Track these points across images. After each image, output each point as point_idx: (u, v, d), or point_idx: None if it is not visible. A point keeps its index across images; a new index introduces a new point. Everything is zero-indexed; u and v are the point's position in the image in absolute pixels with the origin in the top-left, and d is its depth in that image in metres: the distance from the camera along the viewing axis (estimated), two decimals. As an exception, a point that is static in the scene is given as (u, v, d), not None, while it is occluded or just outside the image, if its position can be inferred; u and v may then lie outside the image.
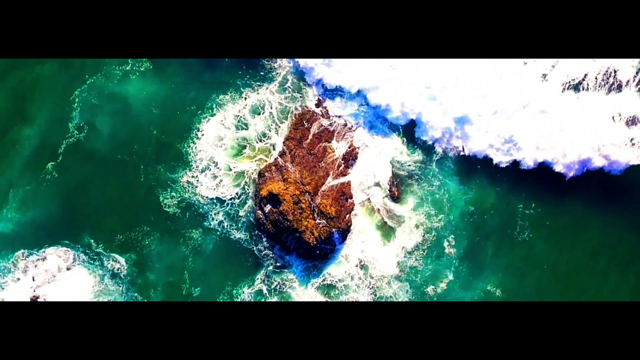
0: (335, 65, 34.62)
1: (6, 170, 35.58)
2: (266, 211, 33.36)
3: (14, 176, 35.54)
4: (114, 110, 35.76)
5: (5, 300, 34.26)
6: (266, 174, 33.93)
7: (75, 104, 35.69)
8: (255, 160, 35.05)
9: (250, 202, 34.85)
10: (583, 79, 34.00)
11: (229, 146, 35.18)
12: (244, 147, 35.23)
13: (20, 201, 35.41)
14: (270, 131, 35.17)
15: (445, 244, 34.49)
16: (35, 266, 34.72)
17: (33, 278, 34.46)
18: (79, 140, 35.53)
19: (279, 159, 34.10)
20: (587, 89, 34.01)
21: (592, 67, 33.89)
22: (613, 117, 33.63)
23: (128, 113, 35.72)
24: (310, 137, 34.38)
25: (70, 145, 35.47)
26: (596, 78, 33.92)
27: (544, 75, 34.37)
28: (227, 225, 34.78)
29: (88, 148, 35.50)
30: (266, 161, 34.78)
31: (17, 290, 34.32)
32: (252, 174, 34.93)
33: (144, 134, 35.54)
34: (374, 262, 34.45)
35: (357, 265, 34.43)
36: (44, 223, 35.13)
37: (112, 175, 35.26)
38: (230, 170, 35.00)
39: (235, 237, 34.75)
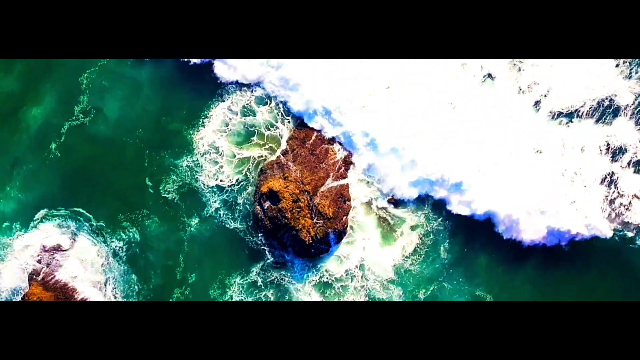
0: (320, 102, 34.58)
1: (12, 149, 36.19)
2: (265, 207, 33.66)
3: (19, 155, 36.12)
4: (124, 94, 36.20)
5: (5, 280, 35.01)
6: (267, 171, 34.30)
7: (84, 86, 36.12)
8: (265, 148, 35.30)
9: (250, 189, 35.03)
10: (581, 107, 33.56)
11: (235, 132, 35.46)
12: (252, 134, 35.50)
13: (23, 179, 36.01)
14: (277, 122, 35.51)
15: (441, 249, 34.37)
16: (36, 245, 35.32)
17: (32, 254, 35.04)
18: (86, 123, 35.97)
19: (281, 157, 34.40)
20: (581, 116, 33.58)
21: (587, 96, 33.39)
22: (600, 147, 33.14)
23: (137, 97, 36.09)
24: (313, 137, 34.63)
25: (76, 126, 35.94)
26: (591, 106, 33.45)
27: (537, 103, 33.92)
28: (222, 214, 35.02)
29: (95, 130, 35.94)
30: (275, 150, 35.09)
31: (17, 266, 34.97)
32: (257, 159, 35.19)
33: (151, 119, 35.90)
34: (370, 265, 34.51)
35: (356, 266, 34.52)
36: (45, 201, 35.70)
37: (116, 159, 35.71)
38: (234, 157, 35.26)
39: (231, 226, 34.96)
